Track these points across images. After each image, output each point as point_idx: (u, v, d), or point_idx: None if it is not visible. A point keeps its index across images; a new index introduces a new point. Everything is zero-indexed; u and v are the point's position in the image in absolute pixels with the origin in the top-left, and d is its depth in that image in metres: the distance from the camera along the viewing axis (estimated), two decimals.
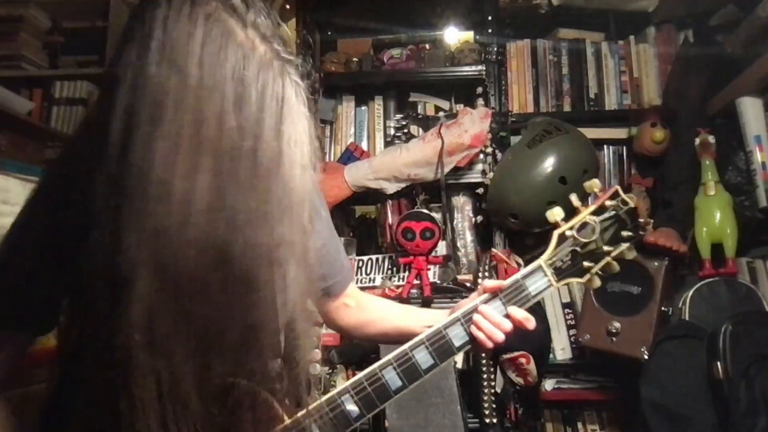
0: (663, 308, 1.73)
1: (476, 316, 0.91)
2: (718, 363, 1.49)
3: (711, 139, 1.80)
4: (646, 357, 1.67)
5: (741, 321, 1.54)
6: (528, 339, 1.70)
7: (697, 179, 1.80)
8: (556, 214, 0.93)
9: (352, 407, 0.87)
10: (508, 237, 1.95)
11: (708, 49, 1.98)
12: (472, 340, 0.91)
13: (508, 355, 1.70)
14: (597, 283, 0.96)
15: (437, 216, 1.90)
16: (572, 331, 2.00)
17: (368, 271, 1.98)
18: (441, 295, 1.86)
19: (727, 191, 1.77)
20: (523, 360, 1.68)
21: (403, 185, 1.92)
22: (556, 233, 0.93)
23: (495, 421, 1.72)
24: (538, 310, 1.79)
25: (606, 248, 0.93)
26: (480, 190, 1.95)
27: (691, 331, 1.62)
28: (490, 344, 0.90)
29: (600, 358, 1.88)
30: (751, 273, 1.79)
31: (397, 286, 1.90)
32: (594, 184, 0.93)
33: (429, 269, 1.88)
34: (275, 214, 0.67)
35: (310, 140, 0.73)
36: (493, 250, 1.88)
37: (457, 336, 0.91)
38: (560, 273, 0.93)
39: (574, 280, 0.94)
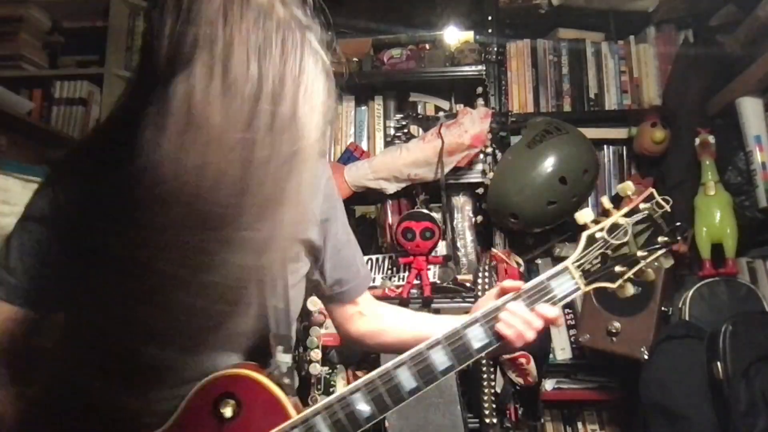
0: (663, 308, 1.73)
1: (504, 314, 0.87)
2: (718, 363, 1.49)
3: (711, 139, 1.80)
4: (646, 357, 1.67)
5: (741, 321, 1.54)
6: None
7: (697, 179, 1.80)
8: (585, 215, 0.89)
9: (363, 407, 0.86)
10: (508, 237, 1.95)
11: (708, 49, 1.98)
12: (499, 339, 0.87)
13: (508, 355, 1.70)
14: (630, 291, 0.91)
15: (437, 216, 1.90)
16: (572, 331, 2.00)
17: None
18: (441, 295, 1.86)
19: (727, 191, 1.77)
20: (523, 360, 1.68)
21: (403, 185, 1.92)
22: (584, 234, 0.89)
23: (495, 421, 1.72)
24: None
25: (640, 253, 0.89)
26: (480, 190, 1.95)
27: (691, 331, 1.62)
28: (519, 343, 0.87)
29: (600, 358, 1.88)
30: (751, 273, 1.79)
31: (397, 286, 1.90)
32: (627, 186, 0.89)
33: (429, 269, 1.88)
34: (283, 166, 0.70)
35: (326, 110, 0.76)
36: (493, 250, 1.88)
37: (477, 337, 0.87)
38: (589, 276, 0.89)
39: (604, 285, 0.89)
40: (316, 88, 0.73)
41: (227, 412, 0.83)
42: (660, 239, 0.89)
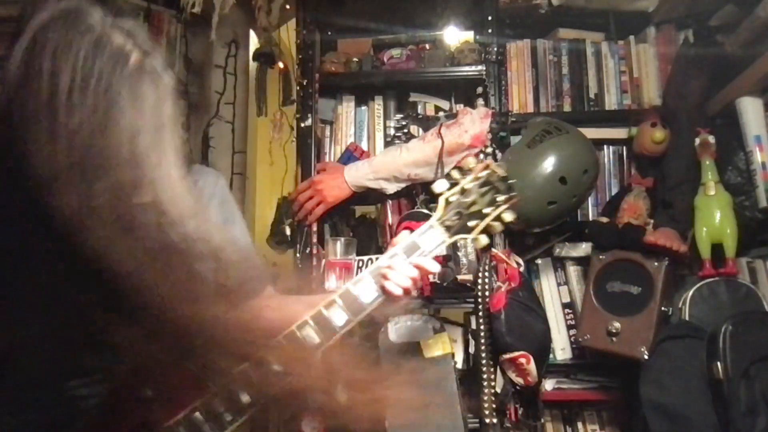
0: (663, 308, 1.73)
1: (383, 269, 1.06)
2: (718, 363, 1.49)
3: (711, 139, 1.80)
4: (646, 357, 1.67)
5: (741, 321, 1.54)
6: (528, 339, 1.70)
7: (697, 179, 1.80)
8: (441, 185, 1.14)
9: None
10: (508, 237, 1.95)
11: (708, 49, 1.98)
12: (383, 292, 1.05)
13: (508, 355, 1.70)
14: (483, 240, 1.14)
15: None
16: (572, 331, 2.00)
17: None
18: (441, 295, 1.86)
19: (727, 191, 1.76)
20: (523, 360, 1.68)
21: (403, 185, 1.92)
22: (442, 198, 1.13)
23: (495, 421, 1.71)
24: (538, 310, 1.79)
25: (485, 210, 1.13)
26: None
27: (691, 331, 1.62)
28: (399, 291, 1.05)
29: (600, 358, 1.88)
30: (751, 273, 1.79)
31: None
32: (469, 161, 1.16)
33: None
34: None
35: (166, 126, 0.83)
36: (493, 250, 1.88)
37: (366, 292, 1.06)
38: (450, 230, 1.12)
39: (463, 236, 1.13)
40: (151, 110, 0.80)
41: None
42: (500, 198, 1.14)
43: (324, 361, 1.00)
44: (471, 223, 1.12)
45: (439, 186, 1.13)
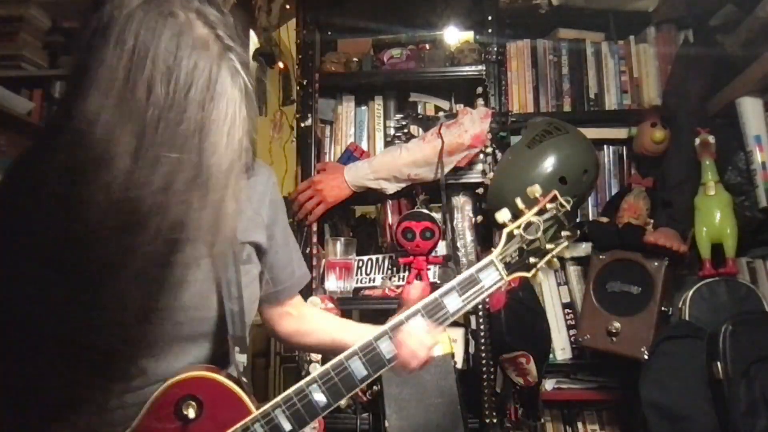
0: (663, 308, 1.73)
1: (403, 331, 0.99)
2: (718, 363, 1.49)
3: (711, 139, 1.80)
4: (646, 357, 1.67)
5: (741, 321, 1.54)
6: (528, 339, 1.70)
7: (697, 179, 1.80)
8: (503, 215, 1.06)
9: (320, 397, 0.95)
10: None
11: (708, 49, 1.98)
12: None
13: (508, 355, 1.70)
14: (540, 278, 1.09)
15: (437, 216, 1.90)
16: (572, 331, 1.99)
17: (368, 271, 1.98)
18: None
19: (727, 191, 1.77)
20: (523, 360, 1.68)
21: (403, 185, 1.92)
22: (505, 231, 1.05)
23: (495, 421, 1.72)
24: (538, 310, 1.79)
25: (548, 246, 1.06)
26: (480, 190, 1.95)
27: (691, 331, 1.62)
28: (413, 363, 0.99)
29: (600, 358, 1.88)
30: (751, 273, 1.79)
31: (397, 286, 1.90)
32: (535, 189, 1.07)
33: (429, 269, 1.88)
34: (186, 188, 0.71)
35: (242, 124, 0.76)
36: (493, 250, 1.88)
37: (386, 349, 1.00)
38: (510, 268, 1.05)
39: (521, 275, 1.06)
40: (230, 108, 0.74)
41: (190, 413, 0.88)
42: (563, 233, 1.07)
43: None
44: (532, 260, 1.05)
45: (502, 216, 1.06)
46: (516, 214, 1.06)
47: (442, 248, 1.98)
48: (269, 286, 1.11)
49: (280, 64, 2.63)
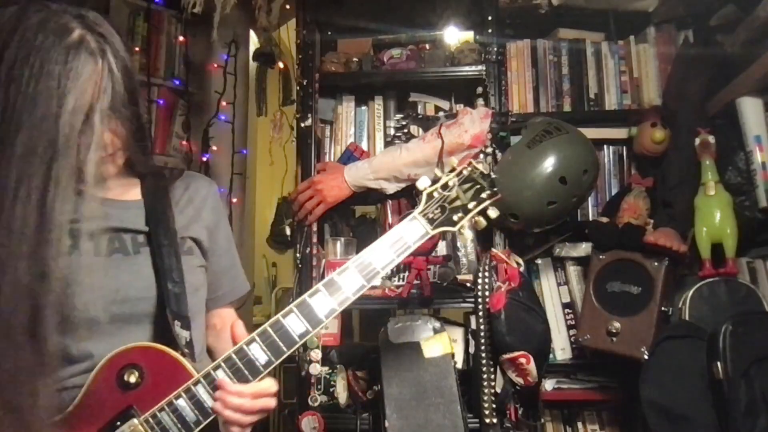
0: (663, 308, 1.73)
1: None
2: (718, 363, 1.49)
3: (711, 139, 1.80)
4: (646, 357, 1.67)
5: (741, 321, 1.54)
6: (528, 339, 1.70)
7: (697, 179, 1.80)
8: (423, 182, 1.19)
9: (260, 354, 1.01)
10: (508, 237, 1.95)
11: (708, 49, 1.98)
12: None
13: (508, 355, 1.70)
14: (467, 234, 1.27)
15: None
16: (572, 331, 2.00)
17: None
18: (441, 295, 1.86)
19: (727, 191, 1.76)
20: (523, 360, 1.68)
21: (403, 185, 1.92)
22: (424, 192, 1.18)
23: (495, 421, 1.72)
24: (538, 309, 1.79)
25: (470, 204, 1.18)
26: None
27: (691, 331, 1.62)
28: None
29: (600, 358, 1.88)
30: (751, 273, 1.79)
31: (397, 286, 1.90)
32: (452, 161, 1.23)
33: (429, 269, 1.88)
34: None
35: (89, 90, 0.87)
36: (493, 250, 1.88)
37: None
38: (433, 222, 1.16)
39: (447, 229, 1.17)
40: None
41: (131, 379, 0.94)
42: (484, 195, 1.20)
43: None
44: (455, 217, 1.17)
45: (422, 182, 1.19)
46: (435, 180, 1.19)
47: (442, 248, 1.98)
48: (210, 291, 1.18)
49: (280, 64, 2.63)
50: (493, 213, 1.19)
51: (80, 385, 0.94)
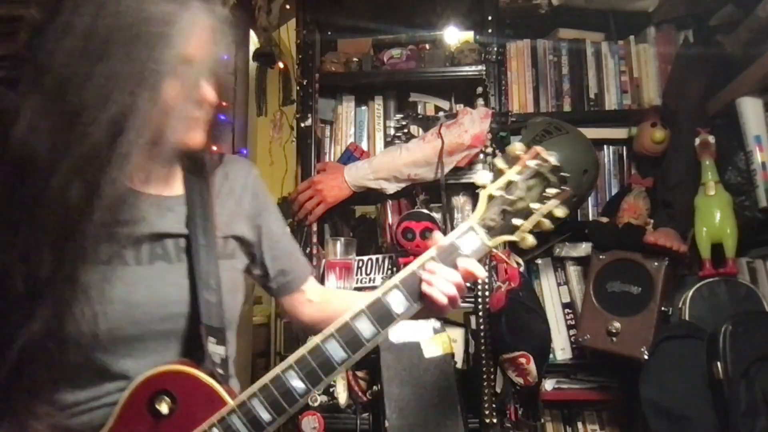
0: (663, 308, 1.73)
1: (425, 275, 0.92)
2: (718, 363, 1.49)
3: (711, 139, 1.80)
4: (646, 357, 1.67)
5: (741, 321, 1.54)
6: (528, 339, 1.70)
7: (697, 179, 1.80)
8: (482, 177, 0.97)
9: (297, 383, 0.90)
10: None
11: (708, 49, 1.98)
12: (419, 299, 0.92)
13: (508, 355, 1.70)
14: (530, 240, 0.98)
15: (437, 216, 1.90)
16: (572, 331, 2.00)
17: (368, 271, 1.98)
18: None
19: (727, 191, 1.76)
20: (523, 360, 1.68)
21: (403, 185, 1.92)
22: (484, 193, 0.96)
23: (495, 421, 1.72)
24: (538, 310, 1.79)
25: (533, 206, 0.96)
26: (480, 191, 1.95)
27: (691, 331, 1.62)
28: (444, 300, 0.92)
29: (600, 358, 1.88)
30: (751, 273, 1.79)
31: None
32: (515, 147, 0.96)
33: None
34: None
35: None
36: (493, 250, 1.88)
37: (397, 302, 0.92)
38: (491, 231, 0.97)
39: (506, 238, 0.98)
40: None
41: (163, 408, 0.86)
42: (550, 191, 0.96)
43: None
44: (516, 222, 0.96)
45: (482, 178, 0.97)
46: (496, 176, 0.97)
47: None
48: (281, 277, 1.11)
49: (280, 64, 2.63)
50: (560, 212, 0.97)
51: (114, 403, 0.88)
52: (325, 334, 0.91)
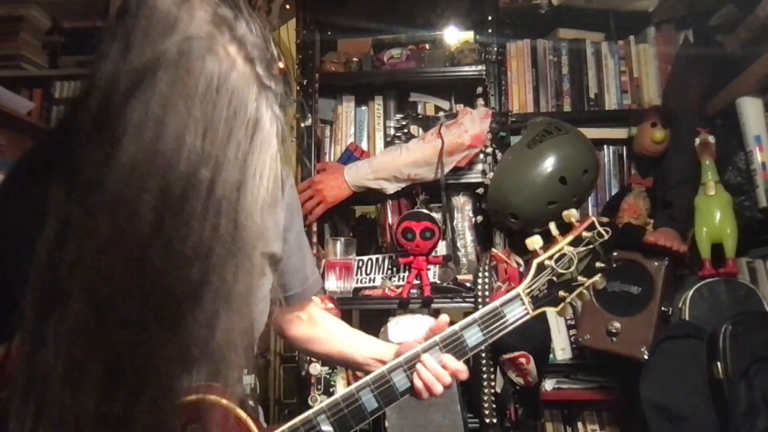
0: (663, 308, 1.73)
1: (418, 366, 0.94)
2: (718, 363, 1.49)
3: (711, 139, 1.80)
4: (646, 357, 1.67)
5: (741, 321, 1.54)
6: (528, 339, 1.70)
7: (697, 179, 1.80)
8: (535, 242, 0.95)
9: (327, 428, 0.90)
10: (508, 237, 1.95)
11: (708, 49, 1.98)
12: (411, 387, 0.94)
13: (508, 355, 1.70)
14: (569, 312, 0.99)
15: (437, 216, 1.90)
16: (572, 331, 1.99)
17: (368, 271, 1.98)
18: (441, 295, 1.86)
19: (727, 191, 1.76)
20: (523, 360, 1.68)
21: (403, 185, 1.92)
22: (535, 262, 0.95)
23: (495, 421, 1.72)
24: None
25: (580, 279, 0.95)
26: (480, 190, 1.95)
27: (691, 331, 1.62)
28: (426, 395, 0.94)
29: (600, 358, 1.88)
30: (751, 273, 1.79)
31: (397, 286, 1.90)
32: (571, 213, 0.95)
33: (429, 269, 1.88)
34: (221, 251, 0.62)
35: (276, 172, 0.69)
36: (493, 250, 1.88)
37: (401, 382, 0.95)
38: (537, 302, 0.95)
39: (548, 309, 0.96)
40: (265, 154, 0.66)
41: None
42: (597, 265, 0.95)
43: None
44: (561, 294, 0.95)
45: (534, 243, 0.96)
46: (548, 242, 0.96)
47: (442, 248, 1.98)
48: (281, 290, 1.06)
49: (280, 64, 2.62)
50: (602, 284, 0.96)
51: None
52: (359, 385, 0.93)
